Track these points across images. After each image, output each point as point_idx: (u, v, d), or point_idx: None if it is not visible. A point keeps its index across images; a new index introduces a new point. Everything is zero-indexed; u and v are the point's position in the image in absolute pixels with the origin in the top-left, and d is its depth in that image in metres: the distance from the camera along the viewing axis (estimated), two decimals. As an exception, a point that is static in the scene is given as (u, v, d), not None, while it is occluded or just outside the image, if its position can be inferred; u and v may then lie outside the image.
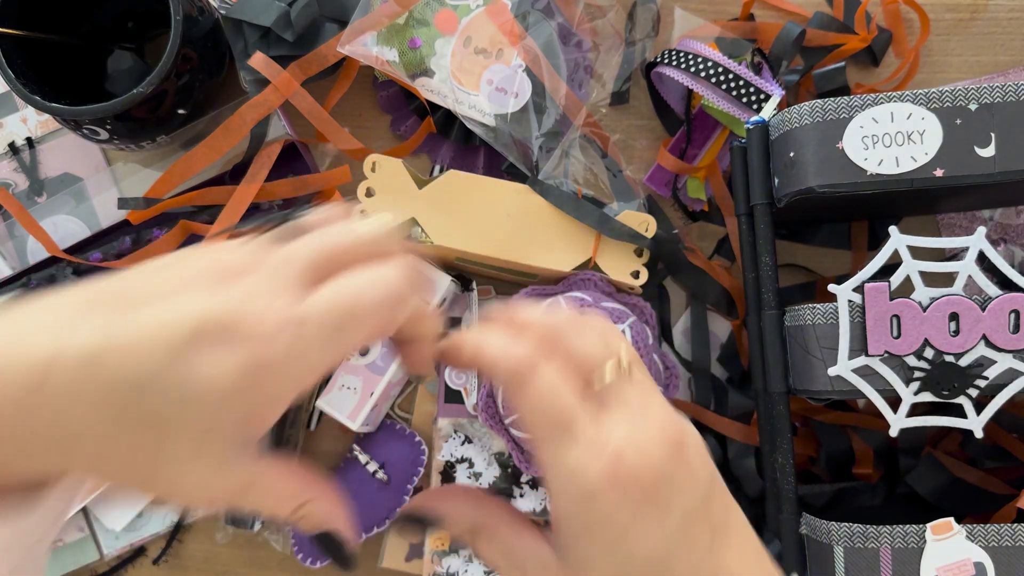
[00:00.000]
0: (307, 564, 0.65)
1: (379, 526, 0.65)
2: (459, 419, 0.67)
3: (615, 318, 0.62)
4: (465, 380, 0.68)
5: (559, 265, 0.64)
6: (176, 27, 0.58)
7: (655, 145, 0.70)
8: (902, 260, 0.52)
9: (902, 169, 0.52)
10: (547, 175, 0.65)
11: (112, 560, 0.69)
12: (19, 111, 0.71)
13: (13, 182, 0.70)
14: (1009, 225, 0.68)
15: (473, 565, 0.66)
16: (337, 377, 0.65)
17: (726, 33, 0.68)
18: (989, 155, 0.51)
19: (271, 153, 0.64)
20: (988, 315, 0.50)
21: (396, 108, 0.70)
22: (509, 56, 0.64)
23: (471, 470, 0.66)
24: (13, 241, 0.69)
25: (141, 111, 0.60)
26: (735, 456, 0.65)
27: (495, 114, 0.64)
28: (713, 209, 0.69)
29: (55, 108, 0.58)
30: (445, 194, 0.64)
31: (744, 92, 0.61)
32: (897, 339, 0.51)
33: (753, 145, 0.57)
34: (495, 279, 0.70)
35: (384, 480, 0.65)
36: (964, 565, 0.51)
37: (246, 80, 0.64)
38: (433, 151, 0.70)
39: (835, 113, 0.52)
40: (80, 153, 0.70)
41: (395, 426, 0.68)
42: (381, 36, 0.63)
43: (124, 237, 0.65)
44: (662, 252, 0.65)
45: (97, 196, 0.69)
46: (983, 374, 0.51)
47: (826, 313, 0.53)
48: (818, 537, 0.54)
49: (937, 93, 0.52)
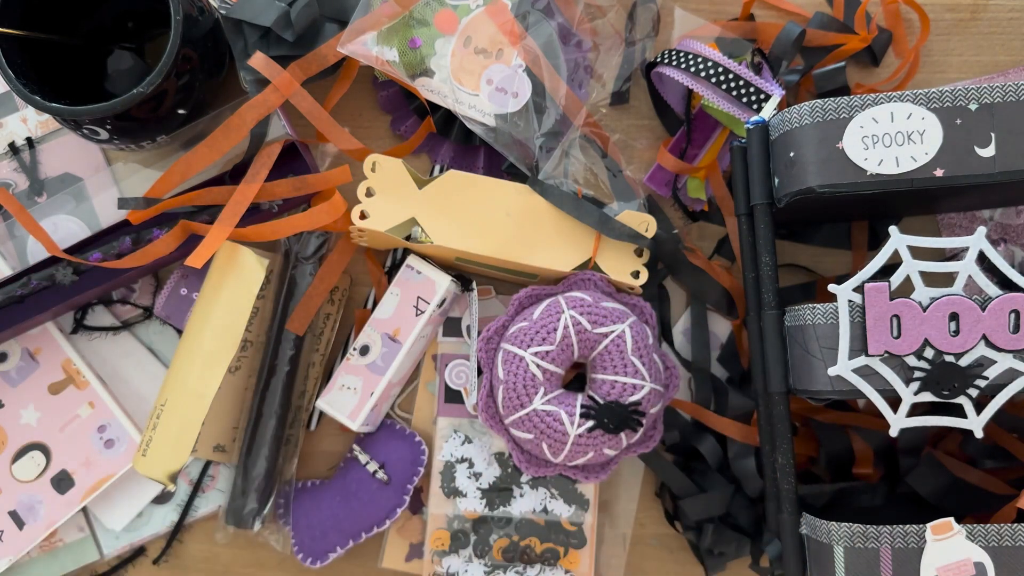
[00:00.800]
0: (307, 564, 0.65)
1: (379, 526, 0.65)
2: (459, 419, 0.67)
3: (615, 318, 0.62)
4: (465, 380, 0.68)
5: (559, 265, 0.64)
6: (176, 27, 0.58)
7: (655, 145, 0.70)
8: (902, 260, 0.52)
9: (902, 169, 0.52)
10: (547, 175, 0.65)
11: (112, 560, 0.69)
12: (19, 111, 0.71)
13: (13, 182, 0.70)
14: (1009, 225, 0.68)
15: (473, 565, 0.66)
16: (337, 377, 0.65)
17: (726, 33, 0.68)
18: (989, 155, 0.51)
19: (271, 153, 0.64)
20: (988, 315, 0.50)
21: (396, 108, 0.70)
22: (509, 56, 0.64)
23: (471, 470, 0.66)
24: (13, 241, 0.69)
25: (141, 111, 0.60)
26: (735, 456, 0.65)
27: (495, 114, 0.64)
28: (713, 209, 0.69)
29: (55, 108, 0.58)
30: (445, 194, 0.64)
31: (744, 92, 0.61)
32: (897, 339, 0.51)
33: (753, 145, 0.57)
34: (495, 279, 0.70)
35: (384, 480, 0.65)
36: (964, 565, 0.51)
37: (246, 80, 0.64)
38: (433, 151, 0.70)
39: (835, 113, 0.52)
40: (80, 153, 0.70)
41: (395, 426, 0.68)
42: (381, 36, 0.63)
43: (124, 237, 0.65)
44: (662, 252, 0.65)
45: (97, 196, 0.69)
46: (983, 374, 0.51)
47: (826, 313, 0.53)
48: (818, 537, 0.54)
49: (937, 93, 0.52)
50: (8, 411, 0.68)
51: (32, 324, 0.66)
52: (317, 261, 0.67)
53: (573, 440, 0.60)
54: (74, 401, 0.68)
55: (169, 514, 0.69)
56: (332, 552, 0.65)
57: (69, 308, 0.67)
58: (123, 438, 0.68)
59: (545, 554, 0.66)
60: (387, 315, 0.65)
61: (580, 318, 0.61)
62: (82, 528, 0.69)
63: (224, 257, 0.63)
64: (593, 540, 0.66)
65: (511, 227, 0.64)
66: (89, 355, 0.69)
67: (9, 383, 0.68)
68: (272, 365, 0.66)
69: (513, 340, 0.62)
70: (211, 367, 0.62)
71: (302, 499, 0.67)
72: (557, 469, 0.64)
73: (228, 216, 0.62)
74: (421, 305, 0.65)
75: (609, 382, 0.61)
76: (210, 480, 0.69)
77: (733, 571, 0.68)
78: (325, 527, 0.65)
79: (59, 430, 0.68)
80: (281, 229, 0.63)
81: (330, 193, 0.64)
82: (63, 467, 0.68)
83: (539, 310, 0.62)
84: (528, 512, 0.66)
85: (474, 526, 0.66)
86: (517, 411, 0.61)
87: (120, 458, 0.68)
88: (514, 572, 0.66)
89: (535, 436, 0.61)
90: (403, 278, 0.66)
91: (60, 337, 0.68)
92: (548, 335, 0.61)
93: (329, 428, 0.70)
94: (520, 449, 0.64)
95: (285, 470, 0.68)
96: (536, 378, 0.61)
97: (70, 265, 0.65)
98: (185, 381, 0.62)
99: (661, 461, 0.67)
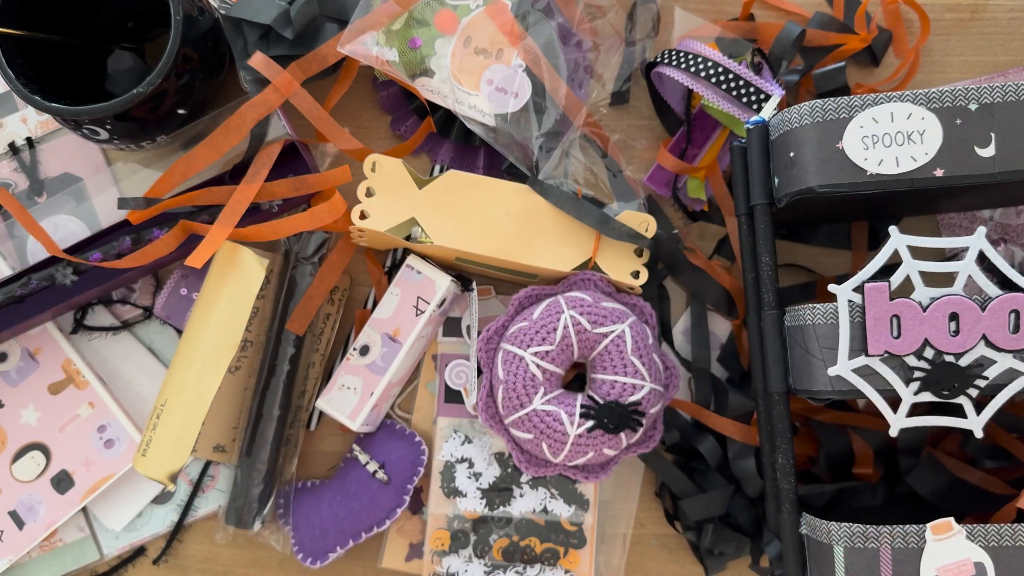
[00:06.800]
0: (307, 564, 0.65)
1: (379, 526, 0.65)
2: (459, 419, 0.67)
3: (615, 318, 0.62)
4: (465, 380, 0.68)
5: (559, 265, 0.64)
6: (176, 27, 0.58)
7: (655, 145, 0.70)
8: (902, 260, 0.52)
9: (902, 169, 0.52)
10: (547, 175, 0.65)
11: (112, 560, 0.69)
12: (19, 111, 0.71)
13: (13, 182, 0.70)
14: (1009, 225, 0.68)
15: (473, 565, 0.66)
16: (337, 377, 0.65)
17: (726, 33, 0.68)
18: (989, 155, 0.51)
19: (271, 153, 0.64)
20: (988, 315, 0.50)
21: (396, 108, 0.70)
22: (509, 56, 0.64)
23: (471, 470, 0.66)
24: (13, 241, 0.69)
25: (141, 111, 0.60)
26: (735, 456, 0.65)
27: (495, 114, 0.64)
28: (713, 209, 0.69)
29: (55, 108, 0.58)
30: (445, 194, 0.64)
31: (744, 92, 0.61)
32: (897, 339, 0.51)
33: (753, 145, 0.57)
34: (495, 279, 0.70)
35: (384, 480, 0.65)
36: (964, 565, 0.51)
37: (246, 80, 0.64)
38: (433, 151, 0.70)
39: (835, 113, 0.52)
40: (80, 153, 0.70)
41: (395, 426, 0.68)
42: (381, 36, 0.63)
43: (124, 237, 0.65)
44: (662, 252, 0.65)
45: (97, 196, 0.69)
46: (983, 374, 0.51)
47: (826, 313, 0.53)
48: (818, 537, 0.54)
49: (937, 93, 0.52)
50: (8, 411, 0.68)
51: (32, 324, 0.66)
52: (317, 261, 0.67)
53: (573, 440, 0.60)
54: (74, 401, 0.68)
55: (169, 514, 0.69)
56: (332, 552, 0.65)
57: (69, 308, 0.67)
58: (123, 438, 0.68)
59: (545, 554, 0.66)
60: (387, 315, 0.65)
61: (580, 318, 0.61)
62: (82, 528, 0.69)
63: (224, 257, 0.63)
64: (593, 540, 0.66)
65: (511, 227, 0.64)
66: (89, 355, 0.70)
67: (9, 383, 0.68)
68: (272, 365, 0.66)
69: (513, 340, 0.62)
70: (211, 367, 0.62)
71: (302, 499, 0.67)
72: (557, 469, 0.64)
73: (228, 216, 0.62)
74: (421, 305, 0.65)
75: (609, 382, 0.61)
76: (210, 480, 0.69)
77: (733, 571, 0.68)
78: (325, 527, 0.65)
79: (59, 430, 0.68)
80: (281, 229, 0.63)
81: (330, 193, 0.64)
82: (63, 467, 0.68)
83: (539, 310, 0.62)
84: (528, 512, 0.66)
85: (474, 526, 0.66)
86: (517, 411, 0.61)
87: (120, 458, 0.68)
88: (514, 572, 0.66)
89: (535, 436, 0.61)
90: (403, 278, 0.66)
91: (60, 337, 0.68)
92: (548, 335, 0.61)
93: (329, 428, 0.70)
94: (520, 449, 0.64)
95: (285, 470, 0.68)
96: (536, 378, 0.61)
97: (70, 265, 0.65)
98: (185, 381, 0.62)
99: (661, 461, 0.67)
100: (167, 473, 0.62)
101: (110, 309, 0.69)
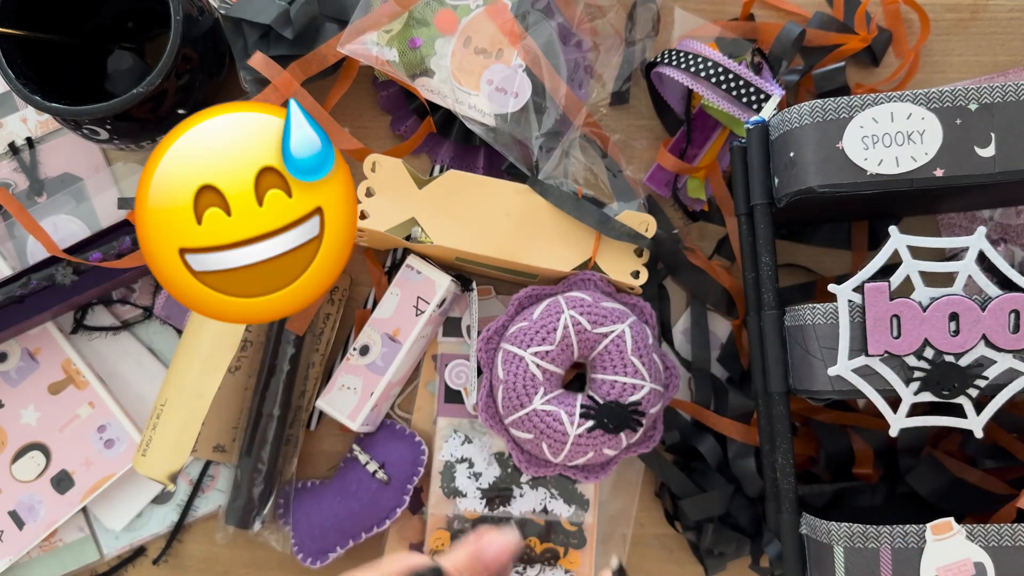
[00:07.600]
0: (307, 564, 0.65)
1: (379, 526, 0.65)
2: (459, 419, 0.67)
3: (615, 318, 0.62)
4: (465, 380, 0.68)
5: (559, 265, 0.64)
6: (176, 27, 0.58)
7: (655, 145, 0.70)
8: (902, 260, 0.52)
9: (902, 169, 0.52)
10: (547, 175, 0.65)
11: (112, 560, 0.69)
12: (19, 111, 0.71)
13: (13, 182, 0.70)
14: (1009, 225, 0.68)
15: (473, 565, 0.66)
16: (337, 377, 0.65)
17: (726, 33, 0.68)
18: (989, 155, 0.51)
19: (271, 153, 0.64)
20: (988, 315, 0.50)
21: (396, 108, 0.70)
22: (509, 56, 0.64)
23: (471, 470, 0.66)
24: (13, 241, 0.69)
25: (141, 111, 0.60)
26: (735, 456, 0.65)
27: (495, 114, 0.64)
28: (713, 209, 0.69)
29: (55, 108, 0.58)
30: (445, 194, 0.64)
31: (744, 92, 0.61)
32: (897, 339, 0.51)
33: (753, 145, 0.57)
34: (495, 279, 0.70)
35: (384, 480, 0.65)
36: (964, 565, 0.51)
37: (246, 80, 0.64)
38: (433, 151, 0.70)
39: (835, 113, 0.52)
40: (80, 153, 0.70)
41: (395, 426, 0.68)
42: (381, 36, 0.63)
43: (124, 237, 0.65)
44: (662, 252, 0.65)
45: (97, 196, 0.69)
46: (983, 374, 0.51)
47: (826, 313, 0.53)
48: (818, 537, 0.54)
49: (937, 93, 0.52)
50: (8, 411, 0.68)
51: (32, 324, 0.66)
52: (317, 261, 0.67)
53: (573, 440, 0.60)
54: (74, 401, 0.68)
55: (169, 514, 0.69)
56: (332, 552, 0.65)
57: (69, 308, 0.67)
58: (123, 438, 0.68)
59: (545, 554, 0.66)
60: (387, 315, 0.65)
61: (580, 318, 0.61)
62: (82, 528, 0.69)
63: (224, 257, 0.63)
64: (593, 540, 0.66)
65: (511, 227, 0.64)
66: (89, 355, 0.70)
67: (9, 383, 0.68)
68: (272, 365, 0.66)
69: (513, 340, 0.62)
70: (211, 367, 0.62)
71: (302, 499, 0.67)
72: (557, 469, 0.64)
73: (228, 216, 0.62)
74: (421, 305, 0.65)
75: (609, 382, 0.61)
76: (210, 480, 0.69)
77: (733, 571, 0.68)
78: (325, 527, 0.65)
79: (59, 430, 0.68)
80: (281, 229, 0.63)
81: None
82: (63, 467, 0.68)
83: (539, 310, 0.62)
84: (528, 512, 0.66)
85: (474, 526, 0.66)
86: (517, 411, 0.61)
87: (120, 458, 0.68)
88: (514, 572, 0.66)
89: (535, 436, 0.61)
90: (403, 278, 0.66)
91: (60, 337, 0.68)
92: (548, 335, 0.61)
93: (329, 428, 0.70)
94: (520, 449, 0.64)
95: (285, 470, 0.68)
96: (536, 378, 0.61)
97: (70, 265, 0.65)
98: (185, 381, 0.62)
99: (661, 461, 0.67)
100: (167, 473, 0.62)
101: (110, 309, 0.69)
